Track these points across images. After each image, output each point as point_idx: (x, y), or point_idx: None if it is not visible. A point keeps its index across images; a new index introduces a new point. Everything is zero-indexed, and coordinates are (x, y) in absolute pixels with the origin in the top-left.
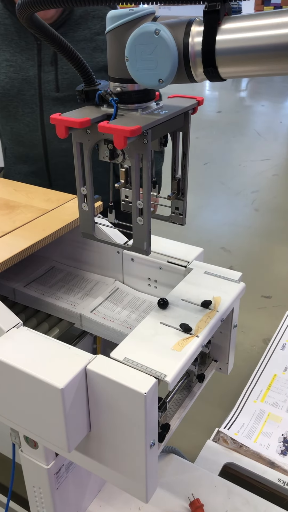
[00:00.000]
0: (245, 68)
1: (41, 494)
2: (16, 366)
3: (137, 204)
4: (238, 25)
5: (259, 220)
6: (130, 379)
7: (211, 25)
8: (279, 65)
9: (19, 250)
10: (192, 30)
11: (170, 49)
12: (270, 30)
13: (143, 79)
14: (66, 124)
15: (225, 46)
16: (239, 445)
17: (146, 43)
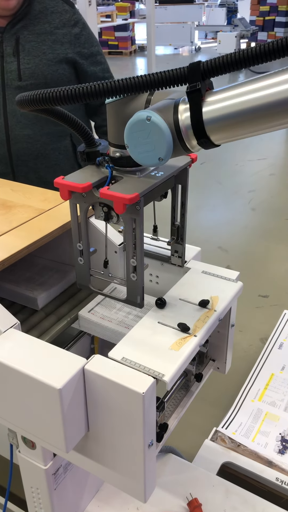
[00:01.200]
0: (233, 132)
1: (39, 495)
2: (13, 367)
3: (131, 262)
4: (220, 96)
5: (256, 220)
6: (128, 379)
7: (195, 102)
8: (264, 124)
9: (16, 250)
10: (180, 109)
11: (163, 130)
12: (249, 95)
13: (144, 161)
14: (69, 189)
15: (211, 116)
16: (237, 445)
17: (141, 130)
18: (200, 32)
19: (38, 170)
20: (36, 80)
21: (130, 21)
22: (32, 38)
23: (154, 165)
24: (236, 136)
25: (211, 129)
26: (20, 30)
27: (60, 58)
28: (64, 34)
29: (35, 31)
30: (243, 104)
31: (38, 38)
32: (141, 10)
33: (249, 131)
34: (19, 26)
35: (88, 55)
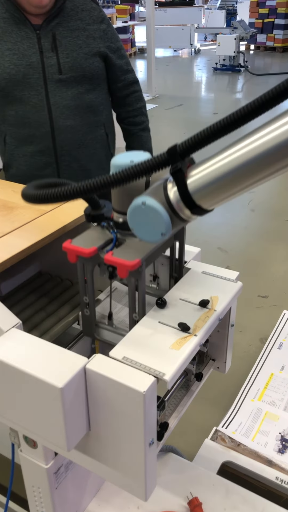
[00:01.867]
0: (220, 195)
1: (40, 494)
2: (15, 366)
3: (134, 316)
4: (200, 168)
5: (256, 221)
6: (129, 378)
7: (179, 180)
8: (246, 182)
9: (18, 250)
10: (168, 187)
11: (159, 211)
12: (226, 159)
13: (149, 238)
14: (76, 254)
15: (195, 186)
16: (237, 444)
17: (140, 214)
18: (200, 34)
19: (80, 159)
20: (75, 73)
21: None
22: (67, 34)
23: (156, 241)
24: (223, 197)
25: (199, 197)
26: (55, 27)
27: (94, 52)
28: (95, 30)
29: (69, 28)
30: (222, 168)
31: (73, 34)
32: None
33: (234, 191)
34: (54, 23)
35: (115, 49)
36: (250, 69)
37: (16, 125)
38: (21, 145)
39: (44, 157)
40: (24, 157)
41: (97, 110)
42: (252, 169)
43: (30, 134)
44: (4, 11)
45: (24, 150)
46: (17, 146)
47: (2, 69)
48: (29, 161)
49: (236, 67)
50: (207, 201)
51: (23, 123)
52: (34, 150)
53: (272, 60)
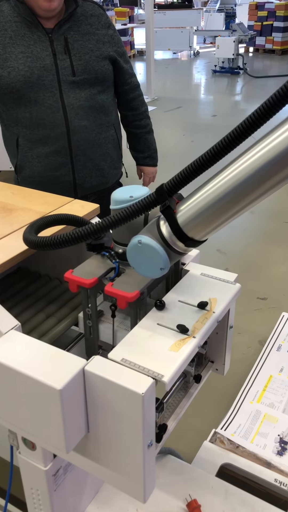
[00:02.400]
0: (209, 225)
1: (39, 496)
2: (14, 368)
3: None
4: (187, 202)
5: (255, 223)
6: (127, 380)
7: (169, 216)
8: (233, 209)
9: (17, 252)
10: (161, 224)
11: (154, 247)
12: (209, 190)
13: (149, 274)
14: (77, 284)
15: (184, 220)
16: (235, 446)
17: (138, 252)
18: (199, 37)
19: (93, 158)
20: (88, 75)
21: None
22: (78, 37)
23: (156, 276)
24: (213, 227)
25: (189, 229)
26: (67, 31)
27: (104, 55)
28: (104, 35)
29: (79, 32)
30: (206, 199)
31: (84, 37)
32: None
33: (222, 219)
34: (65, 27)
35: (121, 53)
36: (249, 71)
37: (30, 127)
38: (35, 147)
39: (60, 157)
40: (38, 158)
41: (107, 111)
42: (237, 195)
43: (45, 135)
44: (16, 15)
45: (39, 152)
46: (30, 148)
47: (16, 72)
48: (43, 162)
49: (235, 69)
50: (197, 232)
51: (37, 124)
52: (49, 151)
53: (271, 63)
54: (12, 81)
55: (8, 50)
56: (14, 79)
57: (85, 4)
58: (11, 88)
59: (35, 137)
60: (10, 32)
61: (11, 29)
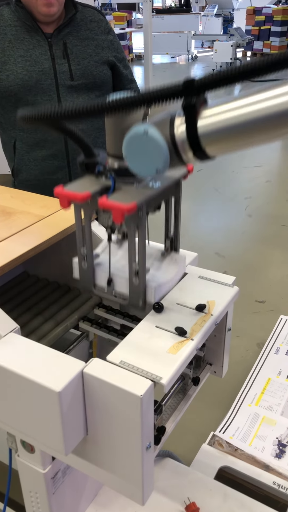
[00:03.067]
0: (228, 145)
1: (38, 499)
2: (13, 370)
3: (133, 266)
4: (215, 110)
5: (253, 226)
6: (126, 382)
7: (190, 117)
8: (258, 137)
9: (16, 256)
10: (176, 122)
11: (160, 144)
12: (244, 108)
13: (142, 172)
14: (68, 199)
15: (206, 130)
16: (234, 449)
17: (139, 143)
18: (197, 41)
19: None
20: (86, 80)
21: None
22: (77, 42)
23: (151, 174)
24: (230, 149)
25: (206, 142)
26: (66, 36)
27: (103, 60)
28: (103, 40)
29: (79, 37)
30: (237, 118)
31: (83, 43)
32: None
33: (244, 144)
34: (64, 32)
35: (121, 59)
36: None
37: (27, 130)
38: (32, 150)
39: (57, 161)
40: (35, 162)
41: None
42: (275, 124)
43: (42, 138)
44: (16, 19)
45: (35, 155)
46: (27, 151)
47: (15, 75)
48: (40, 165)
49: None
50: (214, 148)
51: (35, 127)
52: (46, 154)
53: None
54: (11, 85)
55: (7, 54)
56: (12, 83)
57: (85, 10)
58: (9, 92)
59: (32, 141)
60: (9, 36)
61: (10, 33)
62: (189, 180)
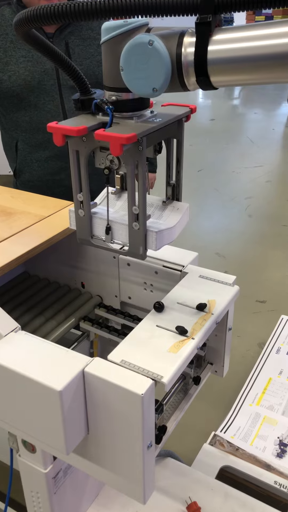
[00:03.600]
0: (236, 77)
1: (39, 499)
2: (14, 369)
3: (133, 209)
4: (229, 36)
5: (253, 226)
6: (127, 381)
7: (202, 36)
8: (269, 74)
9: (16, 256)
10: (185, 41)
11: (164, 59)
12: (259, 41)
13: (137, 88)
14: (63, 132)
15: (216, 56)
16: (235, 448)
17: (140, 54)
18: None
19: (93, 163)
20: (89, 79)
21: None
22: (79, 42)
23: (145, 95)
24: (237, 81)
25: (213, 69)
26: (67, 36)
27: None
28: None
29: (81, 36)
30: (252, 50)
31: (84, 42)
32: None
33: (254, 79)
34: (66, 32)
35: None
36: None
37: (30, 131)
38: (34, 151)
39: (59, 161)
40: (38, 163)
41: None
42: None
43: (45, 139)
44: None
45: (38, 156)
46: (30, 152)
47: (17, 76)
48: (43, 166)
49: None
50: (219, 77)
51: (37, 128)
52: (49, 155)
53: None
54: (13, 85)
55: (9, 54)
56: (14, 83)
57: None
58: (12, 92)
59: (34, 141)
60: (11, 36)
61: (12, 33)
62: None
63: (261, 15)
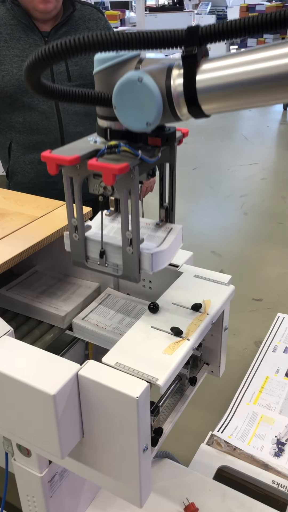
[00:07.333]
0: (226, 103)
1: (35, 503)
2: (7, 373)
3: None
4: (215, 65)
5: (249, 224)
6: (121, 384)
7: (190, 68)
8: (258, 97)
9: (9, 257)
10: (173, 74)
11: (154, 94)
12: (245, 66)
13: (132, 124)
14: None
15: (205, 84)
16: (232, 448)
17: (131, 91)
18: None
19: None
20: (84, 80)
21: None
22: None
23: (140, 130)
24: (227, 107)
25: (204, 98)
26: (63, 35)
27: None
28: None
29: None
30: (239, 76)
31: None
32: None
33: (242, 104)
34: (62, 31)
35: None
36: None
37: (23, 132)
38: (28, 152)
39: None
40: (31, 164)
41: None
42: (275, 87)
43: (39, 140)
44: (11, 17)
45: (32, 157)
46: (23, 153)
47: (10, 76)
48: (36, 168)
49: None
50: (210, 105)
51: (31, 129)
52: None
53: None
54: (6, 85)
55: (2, 54)
56: (8, 83)
57: (83, 8)
58: (5, 93)
59: (28, 143)
60: (5, 35)
61: (6, 32)
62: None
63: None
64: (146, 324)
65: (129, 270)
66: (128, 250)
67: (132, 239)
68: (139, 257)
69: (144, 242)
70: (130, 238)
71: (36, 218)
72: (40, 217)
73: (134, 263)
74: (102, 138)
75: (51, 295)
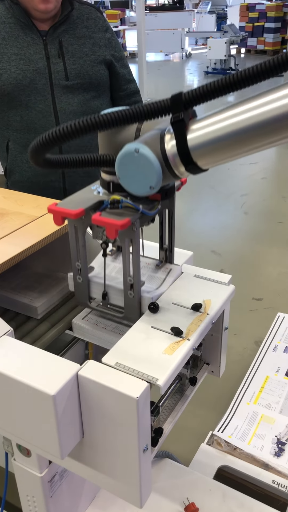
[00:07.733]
0: (219, 156)
1: (35, 503)
2: (7, 374)
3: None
4: (203, 123)
5: (249, 223)
6: (121, 384)
7: (180, 131)
8: (246, 146)
9: (8, 257)
10: (166, 139)
11: (152, 161)
12: (231, 119)
13: (136, 190)
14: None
15: (196, 142)
16: (233, 448)
17: (131, 162)
18: (191, 38)
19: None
20: (82, 80)
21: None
22: (74, 41)
23: (145, 194)
24: (221, 159)
25: (197, 155)
26: (61, 34)
27: (100, 59)
28: (100, 38)
29: (75, 35)
30: (226, 129)
31: (79, 41)
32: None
33: (234, 154)
34: (60, 30)
35: (119, 58)
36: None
37: (21, 131)
38: (25, 151)
39: None
40: (28, 163)
41: None
42: (263, 133)
43: None
44: (10, 16)
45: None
46: (21, 152)
47: (8, 74)
48: (33, 166)
49: (227, 70)
50: (205, 160)
51: (28, 128)
52: None
53: None
54: (4, 84)
55: (0, 52)
56: (5, 82)
57: (82, 7)
58: (3, 91)
59: (25, 141)
60: (3, 34)
61: (4, 30)
62: None
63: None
64: (146, 324)
65: (130, 312)
66: (130, 294)
67: (133, 284)
68: (139, 300)
69: (145, 284)
70: (131, 283)
71: (36, 218)
72: (40, 217)
73: (135, 306)
74: (105, 189)
75: (29, 288)
